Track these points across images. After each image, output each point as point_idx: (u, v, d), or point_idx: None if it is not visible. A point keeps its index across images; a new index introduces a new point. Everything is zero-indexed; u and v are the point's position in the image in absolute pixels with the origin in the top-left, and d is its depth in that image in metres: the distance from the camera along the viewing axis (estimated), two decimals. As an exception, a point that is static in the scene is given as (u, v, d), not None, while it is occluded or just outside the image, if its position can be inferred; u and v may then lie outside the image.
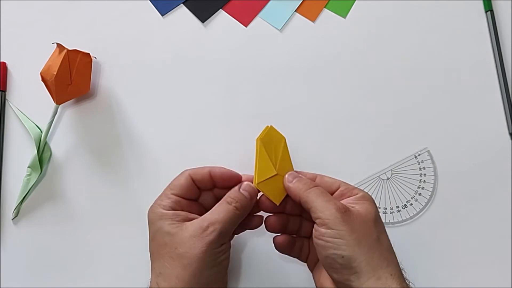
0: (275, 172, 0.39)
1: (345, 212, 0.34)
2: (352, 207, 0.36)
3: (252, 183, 0.39)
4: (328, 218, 0.34)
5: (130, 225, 0.46)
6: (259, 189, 0.38)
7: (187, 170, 0.40)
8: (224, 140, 0.47)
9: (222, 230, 0.36)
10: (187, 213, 0.38)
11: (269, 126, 0.40)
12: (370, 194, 0.38)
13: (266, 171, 0.39)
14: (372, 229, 0.34)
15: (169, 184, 0.39)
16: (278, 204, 0.39)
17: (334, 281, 0.35)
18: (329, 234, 0.34)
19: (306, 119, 0.48)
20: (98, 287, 0.44)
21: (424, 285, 0.43)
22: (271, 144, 0.40)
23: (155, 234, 0.37)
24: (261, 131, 0.40)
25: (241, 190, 0.38)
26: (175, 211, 0.37)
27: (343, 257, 0.33)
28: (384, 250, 0.34)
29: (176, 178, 0.39)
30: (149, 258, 0.38)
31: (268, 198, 0.39)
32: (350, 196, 0.37)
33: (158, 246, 0.37)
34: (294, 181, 0.38)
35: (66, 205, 0.46)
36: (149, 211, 0.38)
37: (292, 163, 0.41)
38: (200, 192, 0.40)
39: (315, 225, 0.35)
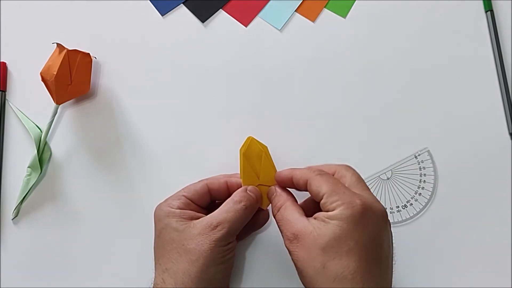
0: (258, 182, 0.41)
1: (292, 240, 0.34)
2: (315, 221, 0.34)
3: None
4: (286, 247, 0.35)
5: (130, 225, 0.46)
6: None
7: (204, 179, 0.41)
8: (225, 140, 0.47)
9: (230, 228, 0.36)
10: (194, 212, 0.38)
11: (250, 137, 0.41)
12: (380, 206, 0.35)
13: (250, 182, 0.40)
14: (317, 257, 0.32)
15: (184, 187, 0.40)
16: (264, 209, 0.41)
17: None
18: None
19: (305, 118, 0.48)
20: (98, 287, 0.44)
21: (424, 285, 0.43)
22: (254, 155, 0.41)
23: (162, 231, 0.38)
24: (243, 143, 0.41)
25: (248, 191, 0.39)
26: (182, 210, 0.38)
27: (300, 277, 0.35)
28: (329, 280, 0.32)
29: (192, 183, 0.41)
30: (151, 257, 0.38)
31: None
32: (327, 211, 0.34)
33: (165, 242, 0.37)
34: (271, 198, 0.39)
35: (66, 205, 0.46)
36: (156, 209, 0.39)
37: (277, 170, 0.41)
38: (211, 202, 0.41)
39: None
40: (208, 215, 0.37)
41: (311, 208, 0.38)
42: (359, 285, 0.32)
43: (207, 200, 0.40)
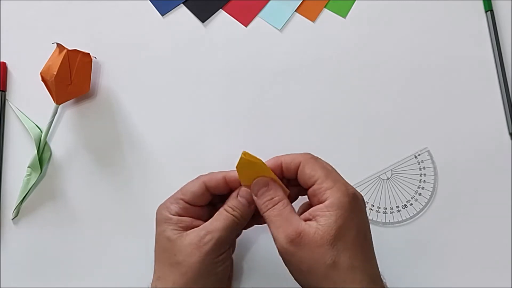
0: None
1: (294, 239, 0.33)
2: (313, 222, 0.33)
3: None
4: (279, 247, 0.34)
5: (130, 225, 0.46)
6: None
7: (202, 176, 0.38)
8: (224, 140, 0.47)
9: (219, 239, 0.35)
10: (192, 219, 0.37)
11: (243, 152, 0.36)
12: (360, 192, 0.35)
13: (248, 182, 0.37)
14: (326, 254, 0.32)
15: (182, 188, 0.38)
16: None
17: None
18: (284, 261, 0.34)
19: (305, 118, 0.48)
20: (98, 287, 0.44)
21: (423, 285, 0.43)
22: (249, 166, 0.37)
23: (159, 237, 0.37)
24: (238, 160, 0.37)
25: (239, 197, 0.37)
26: (180, 217, 0.37)
27: (299, 281, 0.34)
28: (342, 273, 0.32)
29: (190, 183, 0.38)
30: (151, 257, 0.38)
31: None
32: (320, 202, 0.34)
33: (159, 249, 0.37)
34: (258, 194, 0.36)
35: (66, 205, 0.46)
36: (157, 211, 0.38)
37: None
38: (212, 196, 0.39)
39: None
40: (200, 225, 0.36)
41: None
42: (367, 271, 0.33)
43: (207, 198, 0.38)
